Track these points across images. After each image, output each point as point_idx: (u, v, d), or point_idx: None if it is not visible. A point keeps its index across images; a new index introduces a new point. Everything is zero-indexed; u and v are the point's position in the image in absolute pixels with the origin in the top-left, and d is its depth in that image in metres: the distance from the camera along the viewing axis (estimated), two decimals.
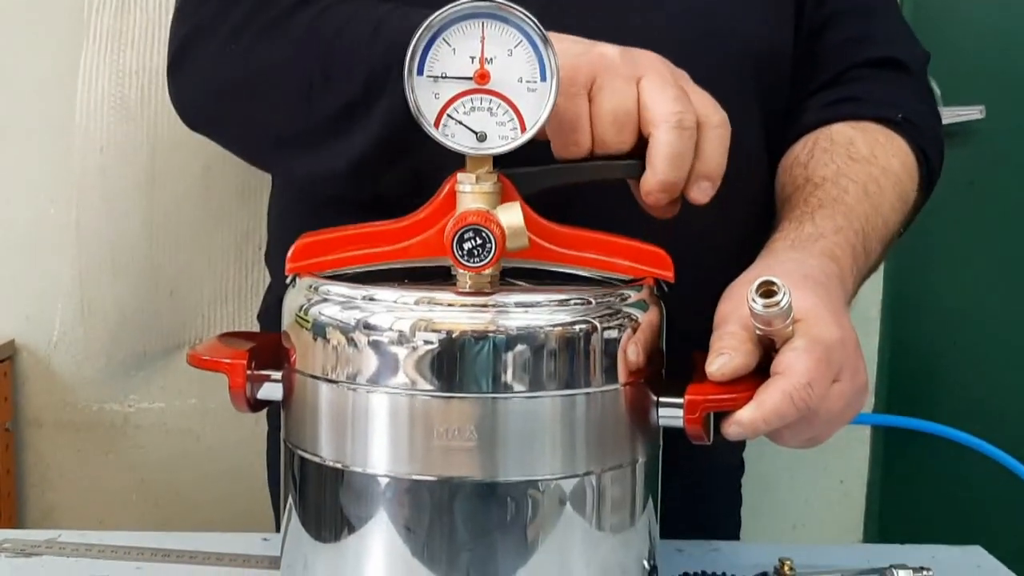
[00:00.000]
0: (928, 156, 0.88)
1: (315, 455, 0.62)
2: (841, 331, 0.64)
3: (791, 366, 0.61)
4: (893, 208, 0.83)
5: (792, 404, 0.61)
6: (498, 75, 0.61)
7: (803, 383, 0.61)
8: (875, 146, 0.86)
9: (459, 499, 0.59)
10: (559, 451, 0.60)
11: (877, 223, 0.80)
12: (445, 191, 0.64)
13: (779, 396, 0.61)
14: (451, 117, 0.61)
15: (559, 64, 0.60)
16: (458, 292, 0.61)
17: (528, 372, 0.59)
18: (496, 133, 0.61)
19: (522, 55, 0.61)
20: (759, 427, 0.61)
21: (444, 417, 0.59)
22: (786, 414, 0.61)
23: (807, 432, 0.64)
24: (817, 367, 0.62)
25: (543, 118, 0.61)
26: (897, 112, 0.88)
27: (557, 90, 0.60)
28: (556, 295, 0.61)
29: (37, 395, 1.41)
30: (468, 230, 0.59)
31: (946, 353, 1.66)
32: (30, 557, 0.82)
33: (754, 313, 0.61)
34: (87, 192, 1.35)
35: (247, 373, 0.65)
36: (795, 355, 0.62)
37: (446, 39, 0.61)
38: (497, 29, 0.61)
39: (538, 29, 0.60)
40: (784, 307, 0.60)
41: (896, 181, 0.84)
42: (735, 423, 0.62)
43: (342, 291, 0.61)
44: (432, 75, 0.61)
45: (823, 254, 0.73)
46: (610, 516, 0.62)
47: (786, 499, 1.52)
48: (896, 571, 0.80)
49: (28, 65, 1.36)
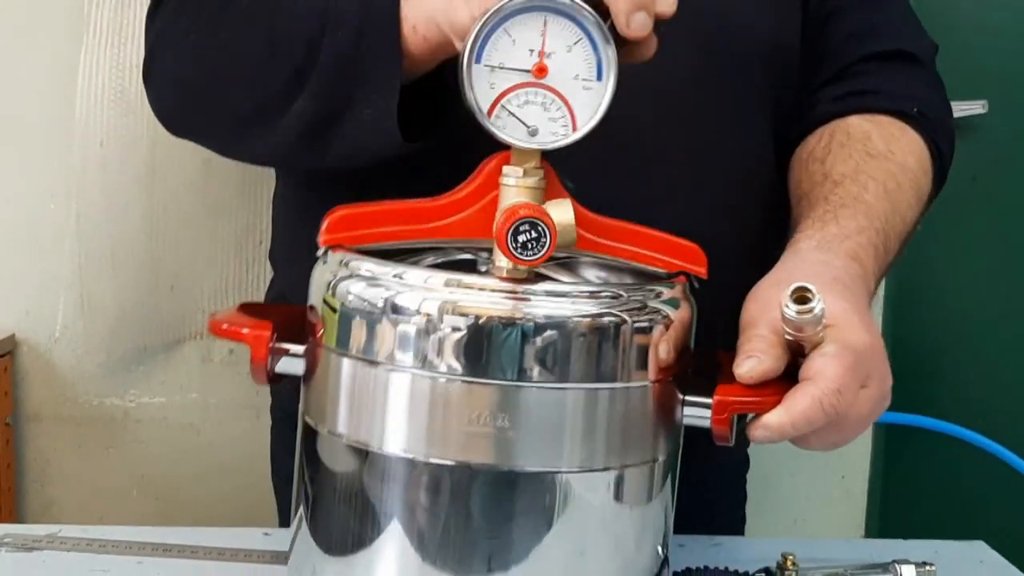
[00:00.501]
0: (940, 149, 0.88)
1: (334, 432, 0.62)
2: (870, 336, 0.64)
3: (821, 371, 0.61)
4: (910, 205, 0.83)
5: (822, 410, 0.60)
6: (555, 70, 0.60)
7: (833, 389, 0.61)
8: (891, 141, 0.86)
9: (477, 485, 0.58)
10: (579, 444, 0.59)
11: (895, 221, 0.80)
12: (486, 171, 0.63)
13: (808, 401, 0.60)
14: (505, 108, 0.60)
15: (616, 65, 0.60)
16: (488, 276, 0.60)
17: (554, 362, 0.58)
18: (548, 129, 0.60)
19: (581, 52, 0.60)
20: (787, 431, 0.61)
21: (467, 402, 0.58)
22: (815, 419, 0.61)
23: (833, 437, 0.64)
24: (847, 373, 0.61)
25: (597, 118, 0.60)
26: (912, 105, 0.88)
27: (613, 91, 0.60)
28: (587, 287, 0.61)
29: (37, 390, 1.41)
30: (524, 223, 0.58)
31: (948, 348, 1.65)
32: (31, 552, 0.82)
33: (786, 319, 0.61)
34: (87, 186, 1.35)
35: (269, 345, 0.64)
36: (825, 361, 0.61)
37: (507, 29, 0.60)
38: (559, 24, 0.60)
39: (600, 27, 0.59)
40: (818, 314, 0.60)
41: (913, 178, 0.84)
42: (762, 427, 0.61)
43: (372, 268, 0.60)
44: (490, 64, 0.60)
45: (848, 255, 0.73)
46: (626, 512, 0.62)
47: (788, 494, 1.52)
48: (899, 566, 0.80)
49: (28, 60, 1.35)
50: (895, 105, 0.88)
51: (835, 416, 0.61)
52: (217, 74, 0.79)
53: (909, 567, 0.80)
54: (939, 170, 0.88)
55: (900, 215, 0.81)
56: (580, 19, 0.60)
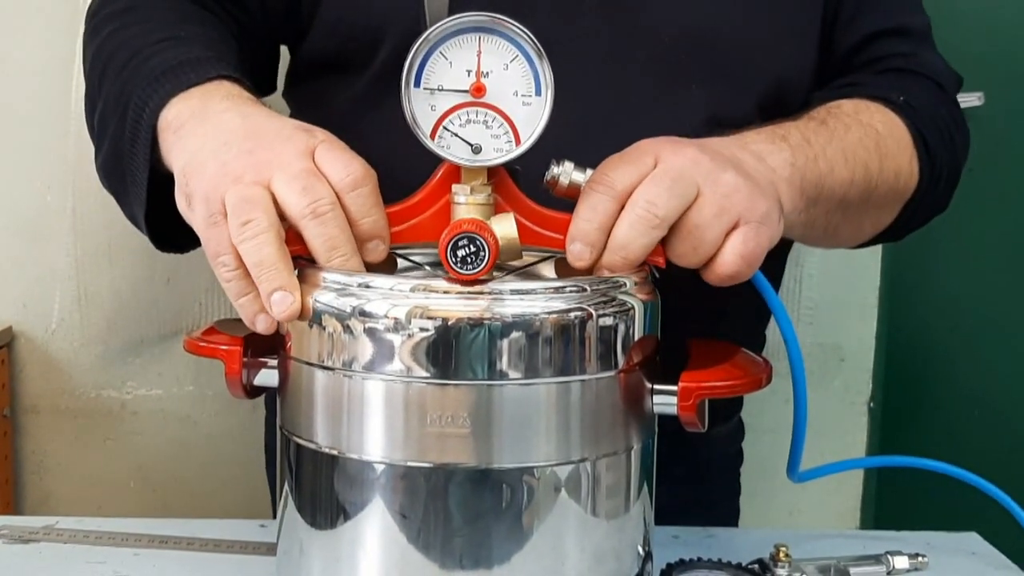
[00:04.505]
0: (928, 142, 0.87)
1: (310, 441, 0.63)
2: (659, 143, 0.66)
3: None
4: (864, 147, 0.81)
5: (594, 192, 0.63)
6: (494, 88, 0.62)
7: (594, 178, 0.64)
8: (862, 110, 0.85)
9: (454, 485, 0.59)
10: (554, 438, 0.60)
11: (833, 150, 0.79)
12: (438, 177, 0.64)
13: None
14: (447, 129, 0.62)
15: (553, 79, 0.61)
16: (453, 280, 0.61)
17: (523, 359, 0.59)
18: (491, 145, 0.62)
19: (517, 69, 0.62)
20: (581, 228, 0.63)
21: (439, 404, 0.59)
22: (595, 203, 0.63)
23: (691, 244, 0.64)
24: (608, 164, 0.64)
25: (538, 131, 0.62)
26: (898, 95, 0.87)
27: (552, 104, 0.61)
28: (551, 283, 0.61)
29: (34, 382, 1.41)
30: (462, 237, 0.59)
31: (945, 339, 1.66)
32: (28, 543, 0.82)
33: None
34: (84, 179, 1.35)
35: (243, 360, 0.65)
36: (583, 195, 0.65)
37: (443, 52, 0.62)
38: (494, 43, 0.61)
39: (534, 44, 0.61)
40: (555, 173, 0.65)
41: (875, 135, 0.83)
42: (568, 246, 0.64)
43: (338, 278, 0.61)
44: (429, 87, 0.62)
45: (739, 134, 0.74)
46: (604, 503, 0.63)
47: (782, 486, 1.52)
48: (892, 557, 0.80)
49: (25, 51, 1.35)
50: (879, 92, 0.87)
51: (609, 189, 0.63)
52: (86, 85, 0.85)
53: (902, 558, 0.80)
54: (927, 161, 0.87)
55: (841, 143, 0.80)
56: (514, 37, 0.61)
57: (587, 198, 0.63)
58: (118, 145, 0.75)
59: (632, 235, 0.62)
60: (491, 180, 0.63)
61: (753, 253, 0.65)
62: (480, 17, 0.61)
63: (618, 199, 0.63)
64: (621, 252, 0.62)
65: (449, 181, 0.64)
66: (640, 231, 0.62)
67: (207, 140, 0.66)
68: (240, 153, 0.64)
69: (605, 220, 0.63)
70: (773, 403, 1.12)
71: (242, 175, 0.62)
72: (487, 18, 0.61)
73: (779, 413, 1.01)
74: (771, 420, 1.20)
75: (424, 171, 0.66)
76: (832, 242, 0.90)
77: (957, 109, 0.94)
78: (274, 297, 0.61)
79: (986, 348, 1.65)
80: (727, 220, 0.64)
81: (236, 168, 0.63)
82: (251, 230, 0.60)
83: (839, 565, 0.79)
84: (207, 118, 0.69)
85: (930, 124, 0.88)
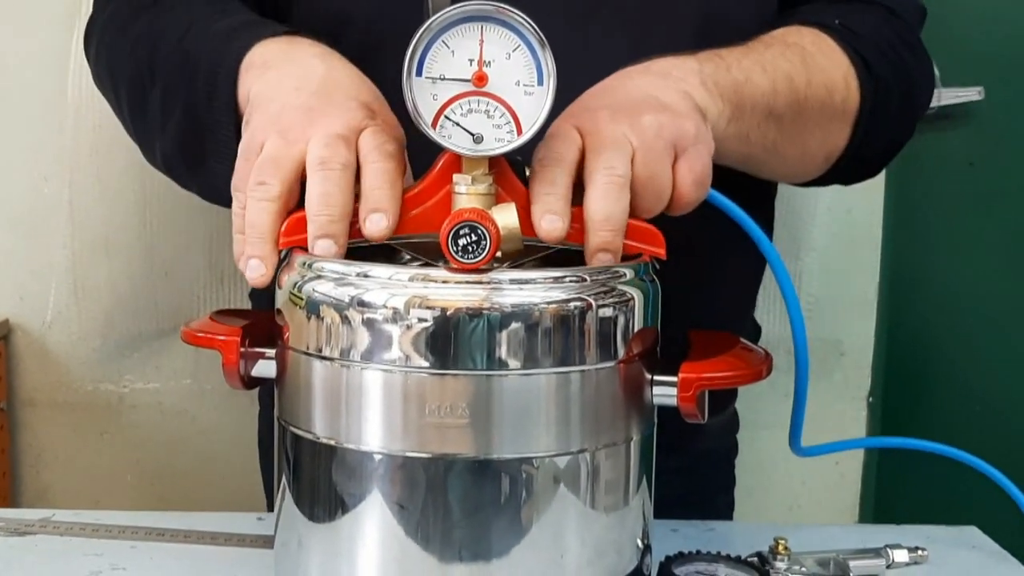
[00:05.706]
0: (868, 61, 0.85)
1: (308, 432, 0.62)
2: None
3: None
4: (786, 59, 0.80)
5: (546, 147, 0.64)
6: (496, 78, 0.61)
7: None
8: (790, 32, 0.84)
9: (453, 476, 0.59)
10: (553, 428, 0.60)
11: (740, 52, 0.78)
12: (439, 166, 0.64)
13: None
14: (448, 118, 0.61)
15: (555, 69, 0.61)
16: (453, 269, 0.60)
17: (522, 349, 0.59)
18: (493, 135, 0.62)
19: (520, 59, 0.61)
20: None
21: (438, 394, 0.58)
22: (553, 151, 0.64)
23: (652, 193, 0.65)
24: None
25: (540, 121, 0.61)
26: (834, 19, 0.86)
27: (554, 94, 0.61)
28: (551, 273, 0.61)
29: (32, 375, 1.41)
30: (463, 226, 0.59)
31: (945, 334, 1.65)
32: (24, 536, 0.82)
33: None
34: (81, 171, 1.34)
35: (240, 350, 0.65)
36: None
37: (445, 41, 0.61)
38: (496, 32, 0.61)
39: (536, 33, 0.61)
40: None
41: (800, 51, 0.82)
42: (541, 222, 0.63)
43: (336, 268, 0.61)
44: (431, 76, 0.61)
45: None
46: (604, 494, 0.62)
47: (782, 480, 1.52)
48: (891, 551, 0.80)
49: (21, 43, 1.34)
50: (815, 19, 0.86)
51: (558, 162, 0.63)
52: (113, 79, 0.85)
53: (901, 552, 0.80)
54: (869, 83, 0.85)
55: (762, 63, 0.79)
56: (516, 26, 0.61)
57: (540, 175, 0.63)
58: (193, 110, 0.75)
59: (608, 203, 0.62)
60: (492, 170, 0.63)
61: (702, 173, 0.67)
62: (483, 6, 0.61)
63: (569, 171, 0.63)
64: (606, 225, 0.62)
65: (450, 171, 0.64)
66: (614, 196, 0.62)
67: (285, 78, 0.69)
68: (300, 106, 0.66)
69: (564, 191, 0.63)
70: (772, 398, 1.12)
71: (288, 129, 0.65)
72: (490, 7, 0.61)
73: (778, 408, 1.01)
74: (770, 415, 1.20)
75: (424, 160, 0.65)
76: (783, 166, 0.87)
77: (911, 34, 0.93)
78: (251, 263, 0.63)
79: (986, 343, 1.65)
80: (667, 157, 0.66)
81: (288, 119, 0.65)
82: (260, 192, 0.63)
83: (838, 558, 0.79)
84: (294, 59, 0.71)
85: (870, 45, 0.86)
